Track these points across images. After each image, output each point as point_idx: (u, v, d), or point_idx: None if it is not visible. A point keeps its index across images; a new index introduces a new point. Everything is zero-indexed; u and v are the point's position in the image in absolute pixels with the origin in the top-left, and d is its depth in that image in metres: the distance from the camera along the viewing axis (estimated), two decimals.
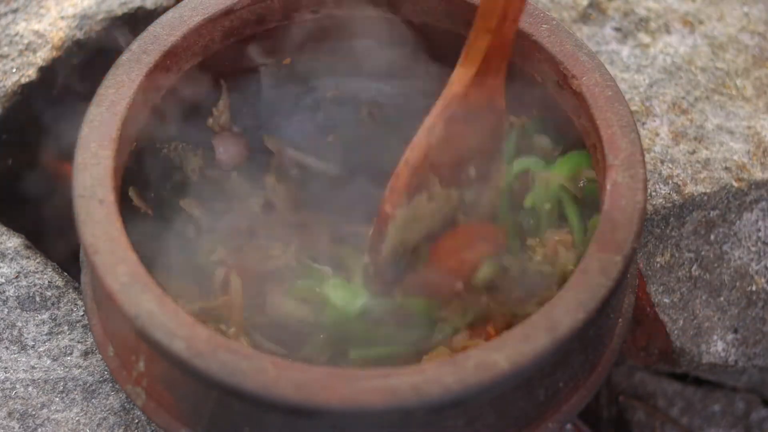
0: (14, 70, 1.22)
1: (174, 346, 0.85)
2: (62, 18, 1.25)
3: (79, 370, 1.05)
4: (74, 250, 1.07)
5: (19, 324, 1.07)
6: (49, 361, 1.05)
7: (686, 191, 1.15)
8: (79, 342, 1.06)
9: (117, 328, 0.96)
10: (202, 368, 0.84)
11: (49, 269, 1.11)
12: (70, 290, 1.10)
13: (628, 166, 0.96)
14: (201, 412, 0.91)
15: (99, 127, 0.96)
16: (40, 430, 1.01)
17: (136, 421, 1.02)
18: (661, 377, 1.34)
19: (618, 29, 1.28)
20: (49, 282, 1.10)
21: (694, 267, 1.16)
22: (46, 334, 1.07)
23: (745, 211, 1.17)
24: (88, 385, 1.04)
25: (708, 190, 1.15)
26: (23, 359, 1.05)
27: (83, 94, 1.18)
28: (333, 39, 1.12)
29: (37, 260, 1.11)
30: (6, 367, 1.04)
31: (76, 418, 1.02)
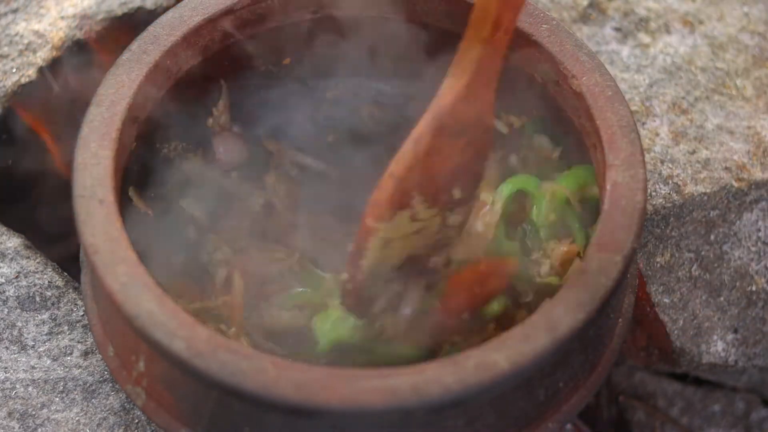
0: (14, 70, 1.22)
1: (174, 346, 0.85)
2: (62, 18, 1.25)
3: (79, 370, 1.05)
4: (74, 250, 1.07)
5: (19, 324, 1.07)
6: (49, 361, 1.05)
7: (686, 191, 1.15)
8: (79, 342, 1.06)
9: (117, 328, 0.96)
10: (202, 368, 0.84)
11: (49, 269, 1.11)
12: (70, 290, 1.10)
13: (628, 166, 0.96)
14: (201, 412, 0.91)
15: (99, 127, 0.96)
16: (40, 430, 1.01)
17: (136, 421, 1.02)
18: (661, 377, 1.34)
19: (618, 29, 1.28)
20: (49, 282, 1.10)
21: (694, 267, 1.16)
22: (46, 334, 1.07)
23: (745, 211, 1.17)
24: (88, 385, 1.04)
25: (708, 190, 1.15)
26: (23, 359, 1.05)
27: (83, 94, 1.18)
28: (333, 39, 1.12)
29: (37, 260, 1.11)
30: (6, 367, 1.04)
31: (76, 418, 1.02)
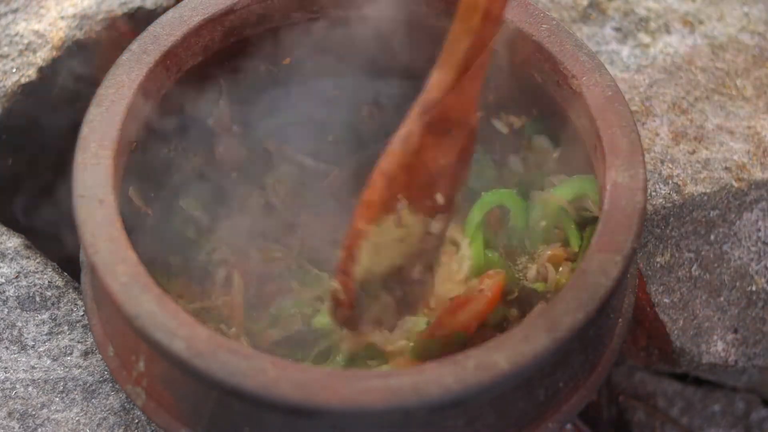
0: (14, 70, 1.22)
1: (174, 346, 0.85)
2: (62, 18, 1.25)
3: (79, 370, 1.05)
4: (74, 250, 1.07)
5: (19, 324, 1.07)
6: (49, 361, 1.05)
7: (686, 191, 1.15)
8: (79, 342, 1.06)
9: (117, 328, 0.96)
10: (202, 368, 0.84)
11: (49, 269, 1.11)
12: (70, 290, 1.10)
13: (628, 166, 0.96)
14: (201, 412, 0.91)
15: (99, 127, 0.96)
16: (40, 430, 1.01)
17: (136, 421, 1.02)
18: (661, 377, 1.34)
19: (618, 29, 1.28)
20: (49, 282, 1.10)
21: (694, 267, 1.16)
22: (46, 334, 1.07)
23: (745, 211, 1.17)
24: (88, 385, 1.04)
25: (708, 190, 1.15)
26: (23, 359, 1.05)
27: (83, 94, 1.18)
28: (333, 39, 1.12)
29: (37, 260, 1.11)
30: (6, 367, 1.04)
31: (76, 418, 1.02)
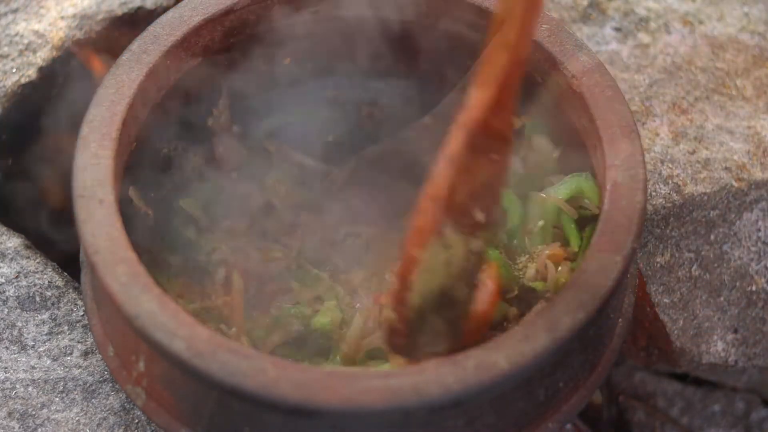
0: (14, 70, 1.22)
1: (174, 346, 0.85)
2: (62, 18, 1.25)
3: (79, 370, 1.05)
4: (74, 250, 1.07)
5: (19, 324, 1.07)
6: (49, 361, 1.05)
7: (686, 191, 1.15)
8: (79, 342, 1.06)
9: (117, 328, 0.96)
10: (202, 368, 0.84)
11: (49, 269, 1.11)
12: (70, 290, 1.10)
13: (628, 166, 0.96)
14: (201, 412, 0.91)
15: (99, 127, 0.96)
16: (40, 430, 1.01)
17: (136, 421, 1.02)
18: (661, 377, 1.34)
19: (618, 29, 1.28)
20: (49, 282, 1.10)
21: (694, 267, 1.16)
22: (46, 334, 1.07)
23: (745, 211, 1.17)
24: (88, 385, 1.04)
25: (708, 190, 1.15)
26: (23, 359, 1.05)
27: (83, 94, 1.18)
28: (333, 39, 1.12)
29: (37, 260, 1.11)
30: (6, 367, 1.04)
31: (76, 418, 1.02)
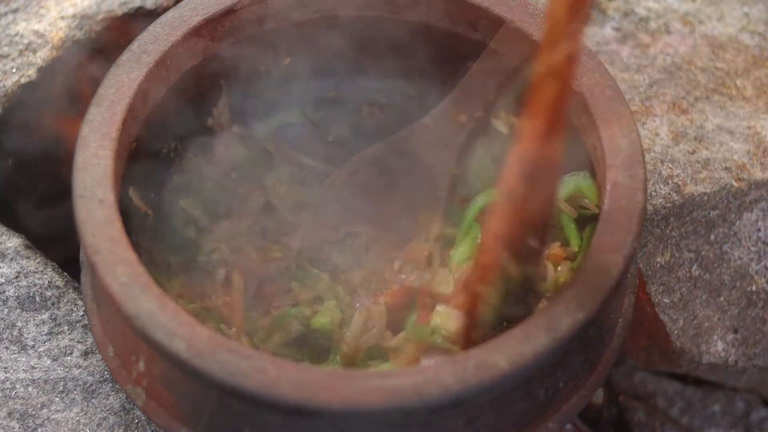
0: (14, 70, 1.22)
1: (174, 346, 0.85)
2: (62, 18, 1.25)
3: (79, 370, 1.05)
4: (74, 250, 1.07)
5: (19, 324, 1.07)
6: (49, 361, 1.05)
7: (686, 191, 1.15)
8: (79, 342, 1.06)
9: (117, 328, 0.96)
10: (202, 368, 0.84)
11: (49, 269, 1.11)
12: (70, 290, 1.10)
13: (628, 166, 0.96)
14: (201, 412, 0.91)
15: (99, 127, 0.96)
16: (40, 430, 1.01)
17: (136, 421, 1.02)
18: (661, 377, 1.34)
19: (618, 29, 1.28)
20: (49, 282, 1.10)
21: (694, 267, 1.16)
22: (46, 334, 1.07)
23: (745, 211, 1.17)
24: (88, 385, 1.04)
25: (708, 190, 1.15)
26: (23, 359, 1.05)
27: (83, 94, 1.18)
28: (333, 39, 1.12)
29: (37, 260, 1.11)
30: (6, 367, 1.04)
31: (76, 418, 1.02)
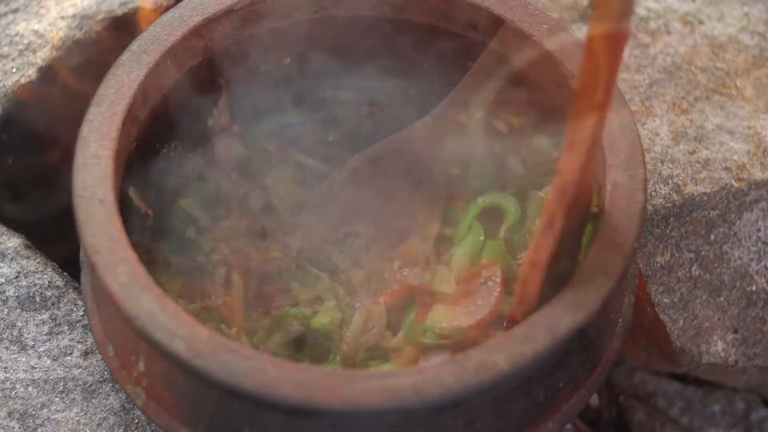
0: (14, 70, 1.22)
1: (174, 346, 0.85)
2: (62, 18, 1.25)
3: (79, 370, 1.05)
4: (74, 250, 1.07)
5: (19, 324, 1.07)
6: (49, 361, 1.05)
7: (686, 191, 1.15)
8: (79, 342, 1.06)
9: (117, 328, 0.96)
10: (202, 368, 0.84)
11: (49, 269, 1.11)
12: (70, 290, 1.10)
13: (628, 166, 0.96)
14: (201, 412, 0.91)
15: (99, 127, 0.96)
16: (40, 430, 1.01)
17: (136, 421, 1.02)
18: (661, 377, 1.34)
19: None
20: (49, 282, 1.10)
21: (694, 267, 1.16)
22: (46, 334, 1.07)
23: (745, 211, 1.17)
24: (88, 385, 1.04)
25: (708, 190, 1.15)
26: (23, 359, 1.05)
27: (83, 94, 1.18)
28: (333, 39, 1.12)
29: (37, 260, 1.11)
30: (6, 367, 1.04)
31: (76, 418, 1.02)
